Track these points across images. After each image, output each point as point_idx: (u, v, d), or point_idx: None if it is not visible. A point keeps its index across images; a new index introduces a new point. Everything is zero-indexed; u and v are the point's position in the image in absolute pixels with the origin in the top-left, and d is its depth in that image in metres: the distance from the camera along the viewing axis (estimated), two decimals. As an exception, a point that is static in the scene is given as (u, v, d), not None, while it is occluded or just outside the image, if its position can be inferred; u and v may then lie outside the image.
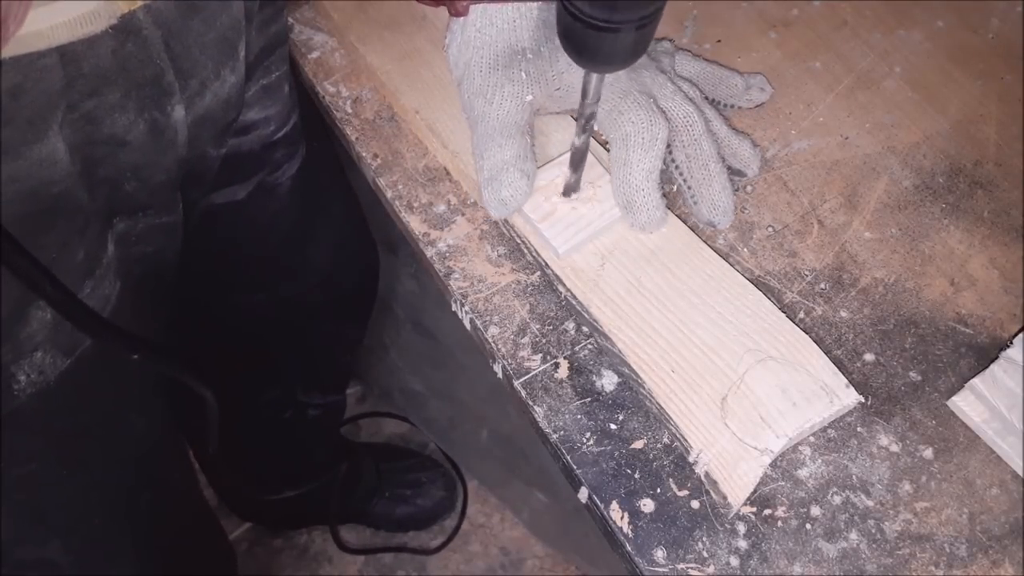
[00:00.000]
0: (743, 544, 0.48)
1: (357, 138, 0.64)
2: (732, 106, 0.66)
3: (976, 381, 0.52)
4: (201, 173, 0.64)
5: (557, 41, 0.59)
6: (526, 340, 0.55)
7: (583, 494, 0.51)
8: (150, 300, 0.65)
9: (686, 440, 0.50)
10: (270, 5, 0.62)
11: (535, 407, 0.52)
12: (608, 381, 0.53)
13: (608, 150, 0.60)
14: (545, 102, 0.61)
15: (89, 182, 0.52)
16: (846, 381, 0.51)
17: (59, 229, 0.51)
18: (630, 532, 0.49)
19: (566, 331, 0.55)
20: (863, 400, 0.52)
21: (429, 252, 0.59)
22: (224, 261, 0.78)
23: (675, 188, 0.61)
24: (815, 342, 0.53)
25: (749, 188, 0.62)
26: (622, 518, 0.49)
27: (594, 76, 0.50)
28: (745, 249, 0.59)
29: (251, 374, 0.93)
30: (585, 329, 0.55)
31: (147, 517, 0.75)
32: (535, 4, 0.59)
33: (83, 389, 0.58)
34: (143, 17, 0.49)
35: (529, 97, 0.59)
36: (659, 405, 0.51)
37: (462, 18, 0.60)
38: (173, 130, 0.55)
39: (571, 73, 0.60)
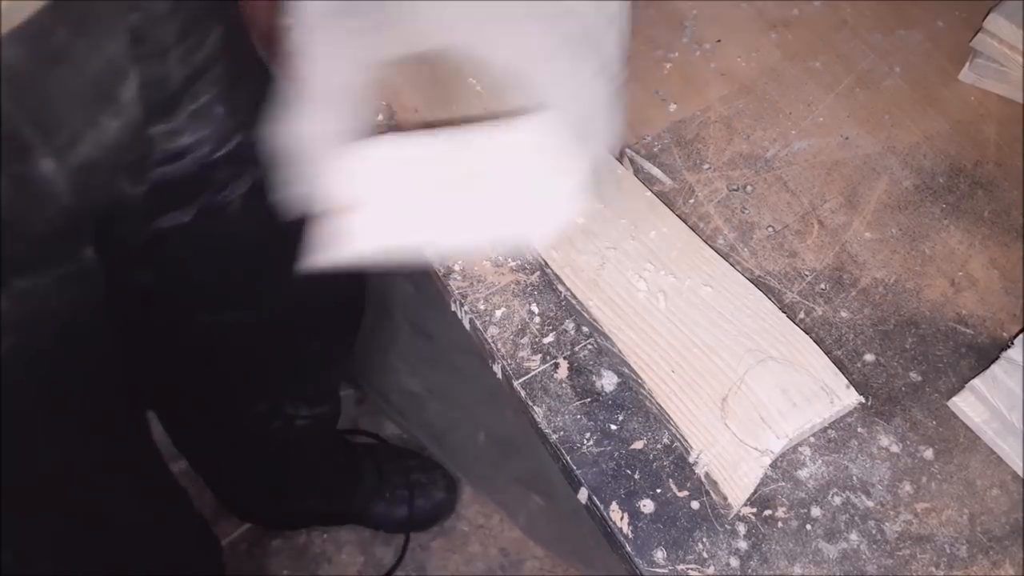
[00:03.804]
0: (743, 545, 0.48)
1: (356, 138, 0.64)
2: None
3: (976, 382, 0.52)
4: (123, 209, 0.63)
5: None
6: (525, 340, 0.55)
7: (583, 495, 0.50)
8: (81, 343, 0.64)
9: (686, 441, 0.50)
10: (194, 35, 0.60)
11: (535, 407, 0.52)
12: (608, 381, 0.53)
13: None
14: (400, 48, 0.50)
15: None
16: (846, 381, 0.51)
17: None
18: (630, 533, 0.48)
19: (566, 331, 0.55)
20: (863, 401, 0.52)
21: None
22: (179, 283, 0.77)
23: (675, 187, 0.61)
24: (815, 342, 0.52)
25: (749, 188, 0.62)
26: (622, 519, 0.49)
27: None
28: (745, 249, 0.59)
29: (236, 390, 0.93)
30: (585, 329, 0.55)
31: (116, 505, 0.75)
32: None
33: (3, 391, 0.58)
34: None
35: (373, 52, 0.49)
36: (659, 405, 0.51)
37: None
38: (45, 181, 0.53)
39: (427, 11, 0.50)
